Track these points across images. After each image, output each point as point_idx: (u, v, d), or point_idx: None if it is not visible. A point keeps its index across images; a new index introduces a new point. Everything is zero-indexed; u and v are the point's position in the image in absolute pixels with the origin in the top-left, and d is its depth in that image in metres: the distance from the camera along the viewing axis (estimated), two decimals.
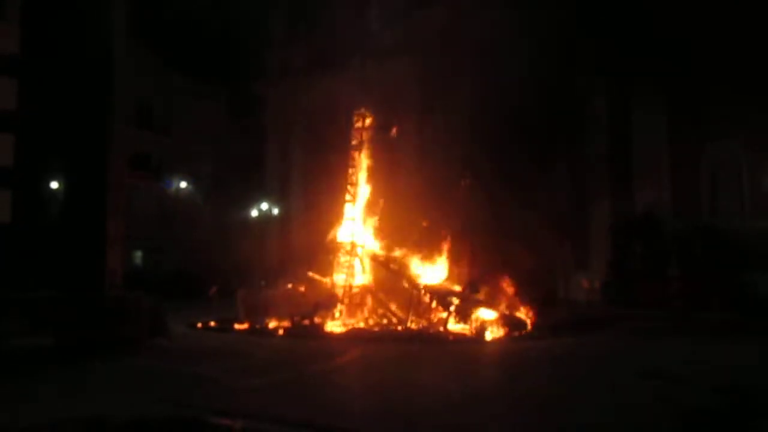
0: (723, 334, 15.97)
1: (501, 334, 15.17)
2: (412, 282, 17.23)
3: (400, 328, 16.13)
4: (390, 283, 17.63)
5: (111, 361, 10.88)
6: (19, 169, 13.36)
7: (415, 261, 17.99)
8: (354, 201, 18.49)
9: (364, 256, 18.18)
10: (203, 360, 11.49)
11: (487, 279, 17.02)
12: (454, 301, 16.14)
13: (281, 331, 15.56)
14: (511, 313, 16.19)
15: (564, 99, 23.04)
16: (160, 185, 32.39)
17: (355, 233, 18.23)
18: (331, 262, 18.16)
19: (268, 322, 16.16)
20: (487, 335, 15.01)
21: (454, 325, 15.81)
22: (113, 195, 14.62)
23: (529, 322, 16.05)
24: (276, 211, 31.85)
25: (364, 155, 18.67)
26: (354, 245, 18.02)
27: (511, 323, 15.60)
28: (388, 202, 18.36)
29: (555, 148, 24.23)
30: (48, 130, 14.19)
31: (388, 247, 18.42)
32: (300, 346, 14.01)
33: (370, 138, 18.80)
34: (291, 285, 18.09)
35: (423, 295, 16.70)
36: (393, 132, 18.95)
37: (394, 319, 16.69)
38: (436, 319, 16.25)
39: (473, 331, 15.39)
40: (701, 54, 22.50)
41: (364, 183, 18.69)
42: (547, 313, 16.62)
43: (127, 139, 17.79)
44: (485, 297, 16.41)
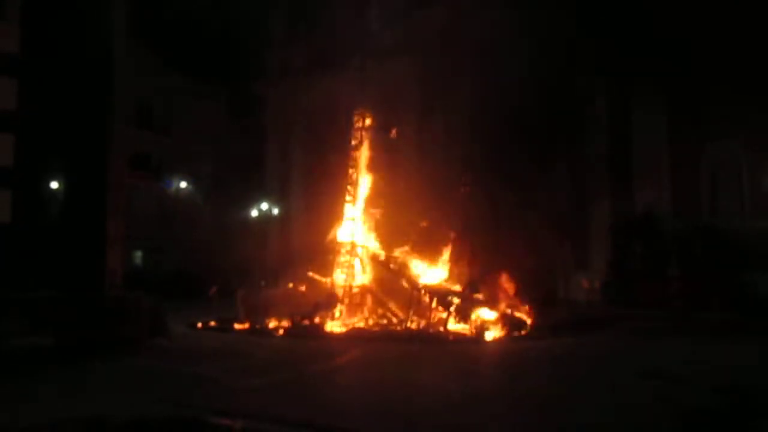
0: (723, 334, 15.97)
1: (501, 334, 15.19)
2: (412, 282, 17.23)
3: (400, 328, 16.13)
4: (390, 283, 17.63)
5: (111, 361, 10.88)
6: (19, 169, 13.37)
7: (415, 261, 18.00)
8: (354, 201, 18.50)
9: (364, 256, 18.19)
10: (203, 360, 11.49)
11: (487, 279, 17.03)
12: (454, 301, 16.14)
13: (281, 331, 15.56)
14: (511, 313, 16.19)
15: (564, 99, 23.01)
16: (160, 185, 32.39)
17: (355, 233, 18.23)
18: (331, 262, 18.16)
19: (268, 322, 16.15)
20: (487, 335, 15.02)
21: (454, 325, 15.82)
22: (113, 195, 14.63)
23: (529, 322, 16.05)
24: (276, 211, 31.84)
25: (364, 155, 18.68)
26: (354, 245, 18.03)
27: (511, 323, 15.60)
28: (388, 202, 18.36)
29: (555, 148, 24.19)
30: (48, 130, 14.19)
31: (388, 247, 18.41)
32: (300, 346, 14.01)
33: (370, 138, 18.81)
34: (291, 285, 18.10)
35: (423, 295, 16.70)
36: (393, 132, 18.95)
37: (394, 319, 16.69)
38: (436, 319, 16.25)
39: (473, 331, 15.39)
40: (701, 54, 22.50)
41: (364, 183, 18.70)
42: (547, 313, 16.62)
43: (127, 139, 17.78)
44: (485, 297, 16.42)
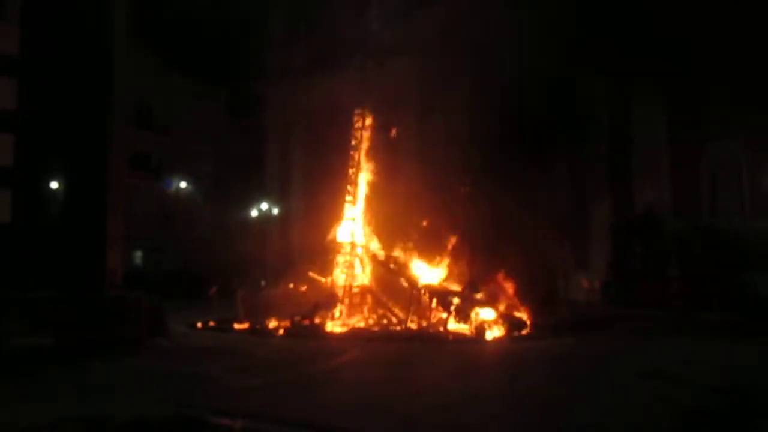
0: (723, 334, 15.95)
1: (501, 334, 15.19)
2: (412, 282, 17.23)
3: (400, 328, 16.13)
4: (390, 283, 17.63)
5: (111, 361, 10.87)
6: (19, 169, 13.39)
7: (415, 261, 17.99)
8: (354, 201, 18.49)
9: (364, 256, 18.19)
10: (203, 360, 11.49)
11: (487, 279, 17.02)
12: (454, 301, 16.14)
13: (281, 331, 15.56)
14: (511, 313, 16.19)
15: (564, 99, 23.00)
16: (160, 185, 32.40)
17: (355, 233, 18.23)
18: (331, 262, 18.16)
19: (268, 322, 16.14)
20: (487, 335, 15.02)
21: (454, 325, 15.82)
22: (113, 195, 14.65)
23: (529, 322, 16.05)
24: (276, 211, 31.84)
25: (364, 155, 18.67)
26: (354, 245, 18.02)
27: (511, 323, 15.60)
28: (388, 202, 18.35)
29: (555, 148, 24.19)
30: (48, 130, 14.20)
31: (388, 247, 18.41)
32: (300, 346, 14.00)
33: (370, 138, 18.81)
34: (291, 285, 18.09)
35: (423, 295, 16.70)
36: (393, 132, 18.94)
37: (394, 318, 16.69)
38: (436, 319, 16.26)
39: (473, 331, 15.39)
40: (701, 54, 22.50)
41: (364, 183, 18.69)
42: (547, 313, 16.60)
43: (127, 139, 17.81)
44: (485, 297, 16.41)
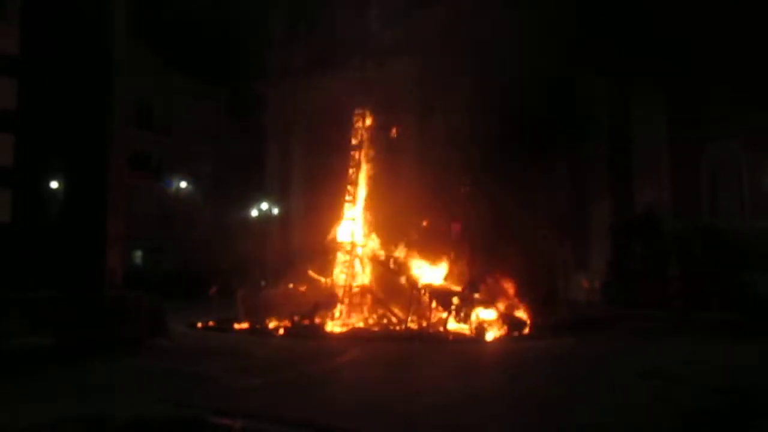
0: (723, 334, 15.95)
1: (501, 334, 15.18)
2: (412, 282, 17.22)
3: (400, 328, 16.13)
4: (390, 283, 17.62)
5: (111, 361, 10.87)
6: (19, 169, 13.37)
7: (415, 261, 17.98)
8: (354, 201, 18.48)
9: (364, 256, 18.18)
10: (203, 360, 11.49)
11: (487, 279, 17.01)
12: (454, 301, 16.13)
13: (281, 331, 15.55)
14: (511, 313, 16.18)
15: (564, 99, 23.02)
16: (160, 185, 32.41)
17: (355, 233, 18.22)
18: (331, 262, 18.15)
19: (268, 322, 16.14)
20: (487, 335, 15.01)
21: (454, 324, 15.81)
22: (113, 195, 14.65)
23: (529, 322, 16.04)
24: (276, 211, 31.85)
25: (364, 155, 18.67)
26: (354, 245, 18.02)
27: (511, 323, 15.59)
28: (388, 202, 18.34)
29: (555, 148, 24.22)
30: (48, 130, 14.20)
31: (388, 247, 18.41)
32: (300, 346, 14.00)
33: (370, 138, 18.80)
34: (291, 285, 18.08)
35: (423, 295, 16.70)
36: (393, 132, 18.94)
37: (394, 318, 16.68)
38: (436, 318, 16.26)
39: (473, 330, 15.38)
40: (701, 54, 22.50)
41: (364, 183, 18.69)
42: (547, 313, 16.61)
43: (127, 139, 17.82)
44: (485, 297, 16.40)
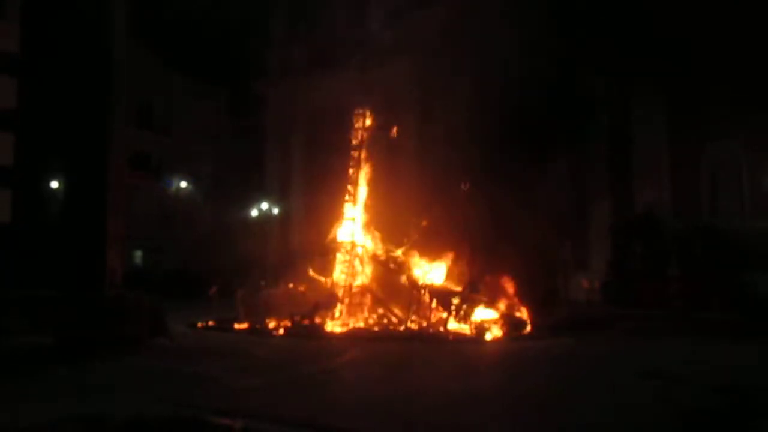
0: (723, 334, 15.95)
1: (501, 334, 15.18)
2: (412, 282, 17.23)
3: (400, 328, 16.13)
4: (390, 283, 17.62)
5: (111, 360, 10.86)
6: (19, 169, 13.38)
7: (415, 261, 17.98)
8: (354, 201, 18.48)
9: (364, 256, 18.18)
10: (203, 360, 11.48)
11: (487, 279, 17.01)
12: (454, 301, 16.13)
13: (281, 331, 15.55)
14: (511, 313, 16.18)
15: (564, 99, 23.02)
16: (160, 185, 32.41)
17: (355, 233, 18.22)
18: (331, 262, 18.14)
19: (268, 322, 16.14)
20: (486, 335, 15.01)
21: (454, 324, 15.82)
22: (113, 195, 14.66)
23: (529, 322, 16.04)
24: (276, 211, 31.85)
25: (364, 155, 18.66)
26: (354, 245, 18.01)
27: (511, 323, 15.59)
28: (388, 202, 18.34)
29: (555, 148, 24.22)
30: (48, 130, 14.21)
31: (388, 247, 18.40)
32: (300, 346, 14.00)
33: (370, 138, 18.80)
34: (291, 285, 18.08)
35: (423, 295, 16.70)
36: (393, 132, 18.94)
37: (394, 318, 16.68)
38: (436, 318, 16.26)
39: (473, 330, 15.39)
40: (701, 54, 22.51)
41: (364, 183, 18.68)
42: (547, 313, 16.61)
43: (127, 139, 17.82)
44: (485, 297, 16.41)
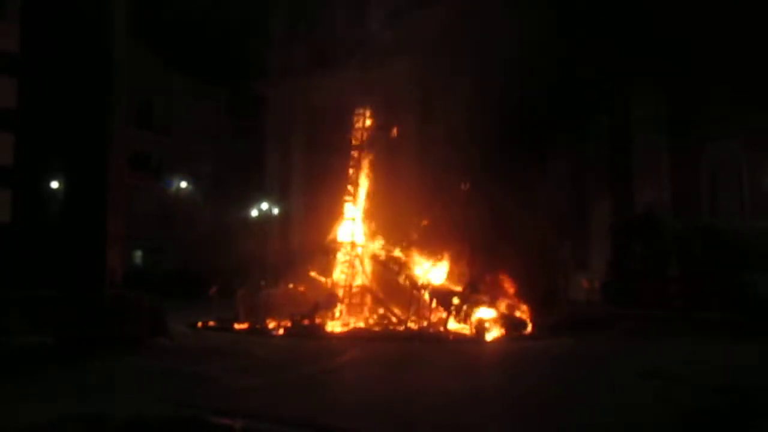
0: (723, 334, 15.95)
1: (501, 334, 15.18)
2: (412, 282, 17.23)
3: (400, 328, 16.13)
4: (390, 283, 17.62)
5: (111, 360, 10.85)
6: (19, 169, 13.38)
7: (415, 261, 17.99)
8: (354, 201, 18.48)
9: (364, 256, 18.18)
10: (203, 359, 11.48)
11: (487, 279, 17.01)
12: (454, 301, 16.14)
13: (281, 331, 15.55)
14: (511, 313, 16.18)
15: (564, 99, 23.02)
16: (160, 185, 32.40)
17: (355, 233, 18.22)
18: (331, 262, 18.15)
19: (268, 322, 16.14)
20: (487, 335, 15.01)
21: (454, 324, 15.82)
22: (113, 195, 14.68)
23: (529, 322, 16.05)
24: (276, 211, 31.84)
25: (364, 155, 18.67)
26: (354, 245, 18.02)
27: (511, 323, 15.59)
28: (388, 202, 18.34)
29: (555, 148, 24.23)
30: (48, 130, 14.21)
31: (388, 247, 18.41)
32: (300, 346, 14.00)
33: (370, 138, 18.80)
34: (291, 285, 18.08)
35: (423, 295, 16.70)
36: (393, 132, 18.95)
37: (394, 318, 16.69)
38: (436, 318, 16.27)
39: (473, 330, 15.38)
40: (701, 54, 22.51)
41: (365, 183, 18.68)
42: (547, 313, 16.61)
43: (127, 139, 17.85)
44: (485, 297, 16.41)
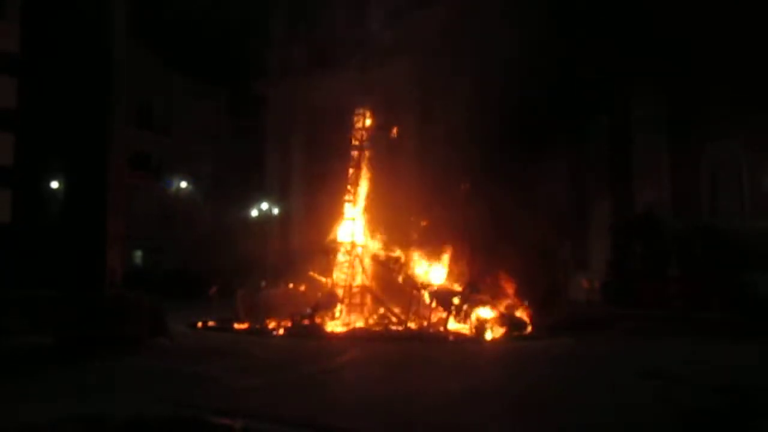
0: (723, 334, 15.96)
1: (501, 333, 15.18)
2: (412, 282, 17.23)
3: (400, 328, 16.14)
4: (390, 283, 17.62)
5: (111, 360, 10.85)
6: (19, 169, 13.39)
7: (415, 261, 17.98)
8: (354, 201, 18.48)
9: (364, 256, 18.18)
10: (203, 359, 11.47)
11: (487, 279, 17.01)
12: (454, 301, 16.14)
13: (281, 331, 15.55)
14: (510, 313, 16.19)
15: (564, 99, 23.02)
16: (160, 185, 32.40)
17: (355, 233, 18.22)
18: (331, 262, 18.15)
19: (268, 322, 16.14)
20: (486, 335, 15.02)
21: (454, 324, 15.82)
22: (113, 195, 14.69)
23: (529, 322, 16.05)
24: (276, 211, 31.84)
25: (364, 155, 18.67)
26: (354, 245, 18.02)
27: (510, 323, 15.59)
28: (388, 202, 18.34)
29: (555, 148, 24.22)
30: (48, 130, 14.22)
31: (388, 247, 18.40)
32: (300, 346, 14.00)
33: (370, 138, 18.80)
34: (291, 285, 18.09)
35: (423, 295, 16.70)
36: (393, 132, 18.94)
37: (394, 318, 16.69)
38: (436, 318, 16.26)
39: (473, 330, 15.39)
40: (701, 54, 22.51)
41: (364, 183, 18.68)
42: (546, 313, 16.60)
43: (127, 139, 17.85)
44: (485, 297, 16.41)
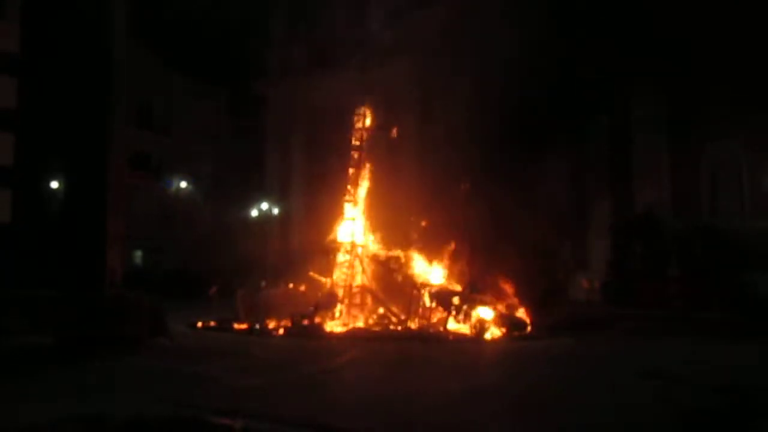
0: (723, 334, 15.94)
1: (501, 333, 15.19)
2: (412, 282, 17.23)
3: (400, 328, 16.14)
4: (390, 283, 17.62)
5: (111, 360, 10.85)
6: (19, 169, 13.39)
7: (415, 261, 17.99)
8: (354, 201, 18.48)
9: (364, 256, 18.18)
10: (203, 359, 11.47)
11: (487, 279, 17.02)
12: (454, 301, 16.14)
13: (281, 331, 15.55)
14: (510, 312, 16.19)
15: (564, 99, 23.02)
16: (160, 185, 32.40)
17: (355, 233, 18.22)
18: (331, 262, 18.15)
19: (268, 322, 16.14)
20: (486, 335, 15.02)
21: (454, 324, 15.82)
22: (113, 195, 14.69)
23: (529, 322, 16.05)
24: (276, 211, 31.84)
25: (364, 155, 18.67)
26: (354, 245, 18.02)
27: (510, 323, 15.60)
28: (388, 202, 18.34)
29: (555, 148, 24.22)
30: (48, 130, 14.22)
31: (388, 247, 18.41)
32: (300, 346, 14.01)
33: (370, 138, 18.81)
34: (291, 285, 18.09)
35: (423, 295, 16.70)
36: (393, 132, 18.95)
37: (394, 318, 16.69)
38: (436, 318, 16.27)
39: (473, 330, 15.40)
40: (701, 54, 22.51)
41: (364, 183, 18.68)
42: (546, 313, 16.61)
43: (127, 139, 17.86)
44: (485, 297, 16.41)
